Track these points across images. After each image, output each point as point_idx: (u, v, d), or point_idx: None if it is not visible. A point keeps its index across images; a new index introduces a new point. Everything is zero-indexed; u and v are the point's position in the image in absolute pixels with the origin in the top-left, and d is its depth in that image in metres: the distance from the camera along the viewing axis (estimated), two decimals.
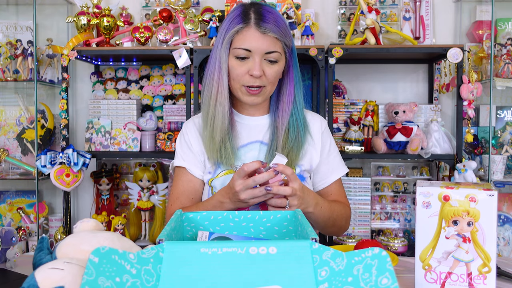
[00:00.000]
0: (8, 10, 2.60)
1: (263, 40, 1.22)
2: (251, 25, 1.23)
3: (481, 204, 0.88)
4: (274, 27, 1.23)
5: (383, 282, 0.63)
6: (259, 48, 1.22)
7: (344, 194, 1.43)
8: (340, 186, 1.42)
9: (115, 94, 2.43)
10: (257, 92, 1.26)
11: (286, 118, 1.30)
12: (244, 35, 1.23)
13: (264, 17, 1.23)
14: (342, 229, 1.39)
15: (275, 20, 1.24)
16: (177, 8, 2.28)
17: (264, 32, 1.22)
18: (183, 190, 1.34)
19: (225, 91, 1.27)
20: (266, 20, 1.23)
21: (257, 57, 1.23)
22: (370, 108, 2.35)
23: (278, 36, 1.23)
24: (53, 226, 2.46)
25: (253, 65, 1.23)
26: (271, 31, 1.22)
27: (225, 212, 0.98)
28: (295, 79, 1.32)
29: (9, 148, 2.49)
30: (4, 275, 1.14)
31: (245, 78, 1.25)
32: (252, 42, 1.22)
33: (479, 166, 2.32)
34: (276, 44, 1.24)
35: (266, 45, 1.22)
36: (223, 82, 1.27)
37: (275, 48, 1.24)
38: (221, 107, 1.28)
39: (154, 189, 2.35)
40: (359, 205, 2.39)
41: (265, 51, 1.23)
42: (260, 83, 1.25)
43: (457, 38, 2.49)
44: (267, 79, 1.25)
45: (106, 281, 0.63)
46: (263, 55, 1.23)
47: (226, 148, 1.28)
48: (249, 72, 1.24)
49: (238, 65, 1.25)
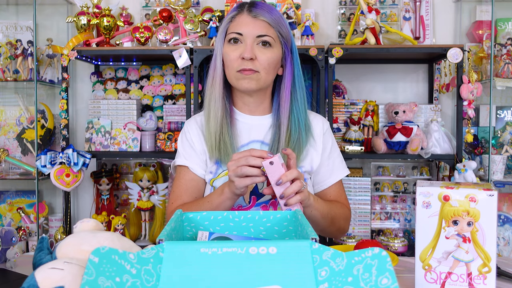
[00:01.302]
0: (8, 10, 2.60)
1: (254, 24, 1.25)
2: (244, 11, 1.27)
3: (481, 204, 0.88)
4: (266, 13, 1.26)
5: (383, 282, 0.63)
6: (250, 32, 1.25)
7: (344, 196, 1.41)
8: (340, 188, 1.41)
9: (115, 94, 2.43)
10: (250, 73, 1.25)
11: (286, 115, 1.30)
12: (237, 21, 1.27)
13: (257, 4, 1.28)
14: (341, 229, 1.37)
15: (269, 9, 1.28)
16: (177, 8, 2.28)
17: (255, 16, 1.25)
18: (185, 189, 1.33)
19: (218, 78, 1.30)
20: (258, 7, 1.27)
21: (248, 39, 1.25)
22: (370, 108, 2.35)
23: (270, 21, 1.25)
24: (53, 226, 2.46)
25: (244, 47, 1.25)
26: (261, 15, 1.25)
27: (225, 212, 0.98)
28: (294, 74, 1.32)
29: (9, 148, 2.49)
30: (4, 275, 1.14)
31: (237, 62, 1.26)
32: (242, 26, 1.26)
33: (479, 166, 2.31)
34: (268, 29, 1.25)
35: (258, 28, 1.25)
36: (218, 70, 1.30)
37: (267, 32, 1.25)
38: (217, 96, 1.30)
39: (154, 189, 2.35)
40: (359, 205, 2.39)
41: (256, 34, 1.25)
42: (253, 67, 1.25)
43: (457, 38, 2.49)
44: (260, 64, 1.25)
45: (106, 281, 0.63)
46: (255, 38, 1.25)
47: (226, 145, 1.28)
48: (240, 55, 1.25)
49: (231, 50, 1.27)
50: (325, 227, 1.30)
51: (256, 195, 1.30)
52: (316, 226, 1.28)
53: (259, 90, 1.31)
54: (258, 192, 1.29)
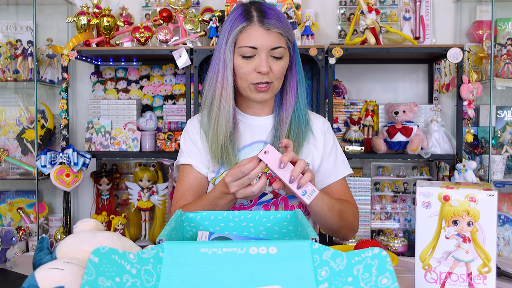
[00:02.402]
0: (8, 10, 2.60)
1: (268, 37, 1.23)
2: (255, 22, 1.24)
3: (481, 204, 0.88)
4: (277, 22, 1.24)
5: (383, 282, 0.63)
6: (264, 45, 1.23)
7: (350, 194, 1.39)
8: (344, 186, 1.38)
9: (115, 94, 2.43)
10: (266, 89, 1.27)
11: (289, 113, 1.31)
12: (249, 33, 1.24)
13: (266, 13, 1.24)
14: (351, 226, 1.32)
15: (277, 16, 1.26)
16: (177, 8, 2.28)
17: (268, 28, 1.23)
18: (189, 187, 1.33)
19: (230, 91, 1.28)
20: (269, 17, 1.24)
21: (263, 53, 1.24)
22: (370, 108, 2.35)
23: (282, 31, 1.24)
24: (53, 226, 2.46)
25: (260, 62, 1.24)
26: (274, 27, 1.23)
27: (225, 212, 0.98)
28: (298, 74, 1.33)
29: (9, 148, 2.49)
30: (4, 275, 1.14)
31: (252, 76, 1.25)
32: (257, 39, 1.23)
33: (479, 166, 2.32)
34: (280, 39, 1.25)
35: (271, 41, 1.23)
36: (228, 81, 1.27)
37: (280, 43, 1.25)
38: (226, 107, 1.28)
39: (154, 189, 2.35)
40: (359, 205, 2.39)
41: (271, 47, 1.24)
42: (268, 79, 1.25)
43: (457, 38, 2.49)
44: (274, 75, 1.26)
45: (106, 281, 0.63)
46: (269, 51, 1.24)
47: (228, 149, 1.28)
48: (256, 69, 1.24)
49: (245, 64, 1.25)
50: (334, 222, 1.25)
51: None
52: (324, 222, 1.25)
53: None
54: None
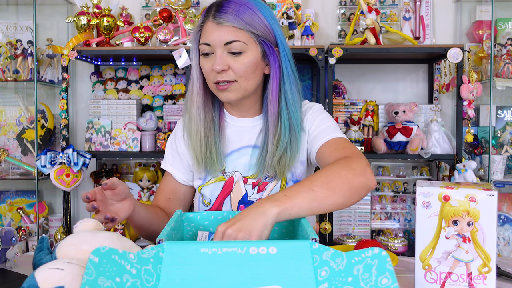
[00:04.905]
0: (8, 10, 2.60)
1: (219, 31, 1.14)
2: (209, 18, 1.16)
3: (481, 204, 0.88)
4: (232, 16, 1.13)
5: (383, 282, 0.63)
6: (216, 40, 1.14)
7: (342, 146, 1.15)
8: (336, 143, 1.17)
9: (115, 94, 2.43)
10: (226, 87, 1.16)
11: (274, 118, 1.20)
12: (205, 30, 1.17)
13: (222, 7, 1.15)
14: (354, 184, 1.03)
15: (236, 10, 1.14)
16: (177, 8, 2.28)
17: (220, 23, 1.14)
18: (166, 197, 1.33)
19: (200, 92, 1.22)
20: (223, 10, 1.14)
21: (218, 50, 1.15)
22: (370, 108, 2.35)
23: (237, 25, 1.13)
24: (53, 226, 2.46)
25: (215, 59, 1.15)
26: (227, 21, 1.13)
27: (225, 212, 0.98)
28: (282, 70, 1.20)
29: (9, 148, 2.49)
30: (4, 275, 1.14)
31: (212, 74, 1.17)
32: (209, 35, 1.15)
33: (479, 166, 2.32)
34: (236, 33, 1.14)
35: (223, 35, 1.13)
36: (197, 82, 1.22)
37: (235, 37, 1.14)
38: (197, 109, 1.22)
39: (154, 189, 2.35)
40: (359, 205, 2.39)
41: (223, 42, 1.14)
42: (227, 78, 1.15)
43: (457, 38, 2.49)
44: (235, 73, 1.15)
45: (106, 281, 0.63)
46: (223, 46, 1.14)
47: (212, 154, 1.23)
48: (212, 68, 1.16)
49: (205, 62, 1.18)
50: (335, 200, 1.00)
51: (244, 203, 1.25)
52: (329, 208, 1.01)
53: (243, 97, 1.21)
54: (247, 200, 1.25)
